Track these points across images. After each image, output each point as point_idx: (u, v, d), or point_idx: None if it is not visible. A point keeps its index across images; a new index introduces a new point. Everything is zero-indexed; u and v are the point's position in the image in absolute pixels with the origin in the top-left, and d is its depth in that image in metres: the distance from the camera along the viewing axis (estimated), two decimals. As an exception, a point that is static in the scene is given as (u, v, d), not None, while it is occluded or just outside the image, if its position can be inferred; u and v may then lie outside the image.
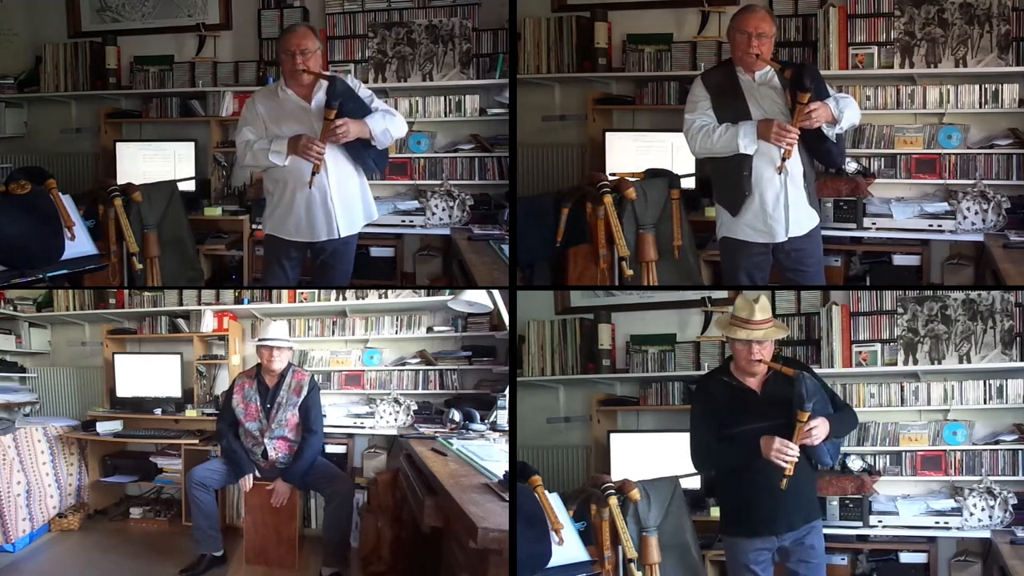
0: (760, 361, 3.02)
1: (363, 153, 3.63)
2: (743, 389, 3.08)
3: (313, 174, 3.49)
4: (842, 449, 3.94)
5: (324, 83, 3.58)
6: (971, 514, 3.78)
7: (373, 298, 4.93)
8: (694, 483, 4.06)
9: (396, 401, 4.86)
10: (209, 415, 5.11)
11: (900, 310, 3.99)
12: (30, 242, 3.39)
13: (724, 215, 3.51)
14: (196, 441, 4.96)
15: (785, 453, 2.89)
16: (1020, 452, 3.82)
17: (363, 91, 3.65)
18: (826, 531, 3.77)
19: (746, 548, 3.07)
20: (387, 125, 3.61)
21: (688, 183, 4.05)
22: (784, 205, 3.38)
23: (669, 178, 3.62)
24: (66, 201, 3.50)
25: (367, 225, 4.54)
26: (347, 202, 3.66)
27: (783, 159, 3.29)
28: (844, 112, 3.30)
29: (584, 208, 3.53)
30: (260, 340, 4.38)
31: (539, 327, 4.58)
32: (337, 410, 5.05)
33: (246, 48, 4.91)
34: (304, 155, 3.47)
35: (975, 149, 4.09)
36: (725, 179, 3.46)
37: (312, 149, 3.45)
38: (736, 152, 3.33)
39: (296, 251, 3.74)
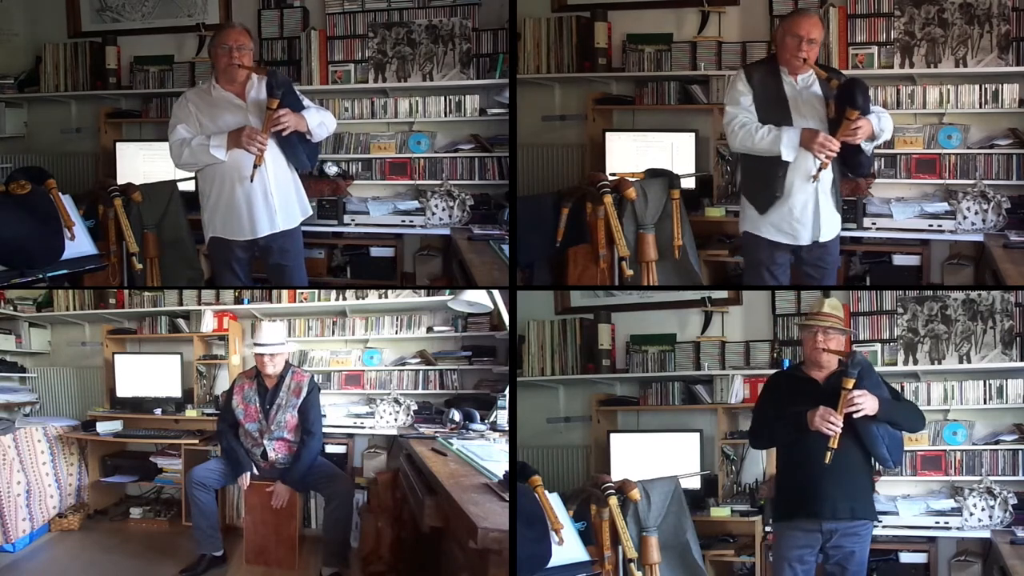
0: (826, 350, 3.12)
1: (297, 148, 3.67)
2: (807, 379, 3.19)
3: (255, 167, 3.51)
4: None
5: (256, 80, 3.62)
6: (971, 514, 3.78)
7: (373, 298, 4.93)
8: (694, 483, 4.07)
9: (396, 401, 4.85)
10: (209, 415, 5.10)
11: (900, 310, 3.99)
12: (30, 242, 3.39)
13: (749, 210, 3.51)
14: (196, 441, 4.95)
15: (827, 420, 2.95)
16: (1020, 452, 3.82)
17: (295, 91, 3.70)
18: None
19: (791, 541, 3.12)
20: (322, 119, 3.68)
21: (688, 183, 4.06)
22: (813, 211, 3.40)
23: (669, 178, 3.62)
24: (66, 201, 3.50)
25: (365, 225, 4.60)
26: (284, 196, 3.70)
27: (819, 169, 3.29)
28: (883, 133, 3.33)
29: (584, 208, 3.53)
30: (255, 345, 4.35)
31: (539, 327, 4.58)
32: (337, 410, 5.04)
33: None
34: (247, 146, 3.49)
35: (975, 149, 4.09)
36: (758, 176, 3.46)
37: (255, 139, 3.48)
38: (776, 155, 3.33)
39: (242, 251, 3.76)
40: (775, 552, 3.26)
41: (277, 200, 3.66)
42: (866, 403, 2.97)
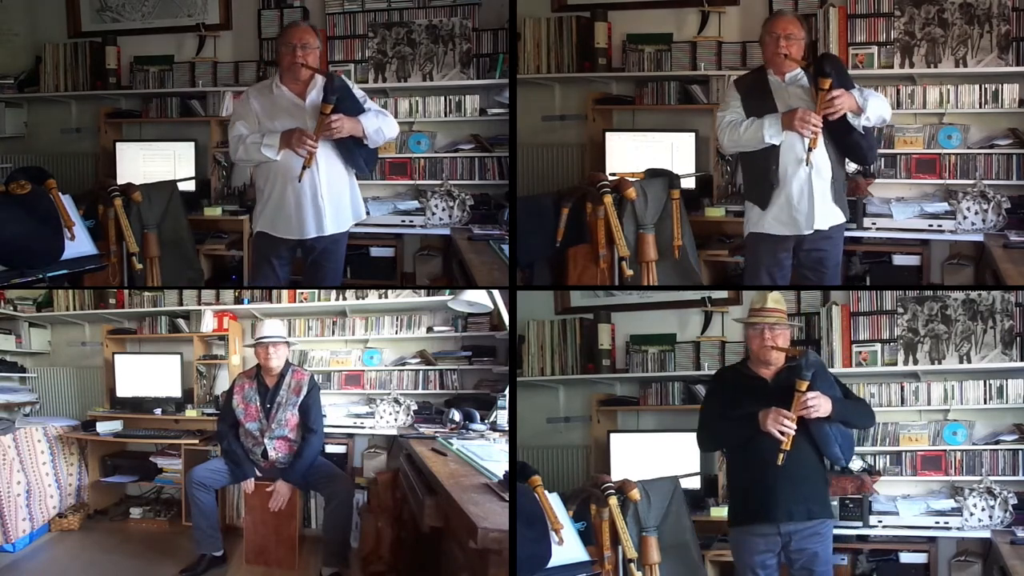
0: (774, 348, 3.09)
1: (354, 152, 3.65)
2: (754, 377, 3.16)
3: (304, 168, 3.51)
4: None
5: (319, 81, 3.61)
6: (971, 514, 3.78)
7: (373, 298, 4.93)
8: (694, 483, 4.07)
9: (396, 401, 4.85)
10: (209, 415, 5.11)
11: (900, 310, 3.99)
12: (30, 242, 3.39)
13: (751, 212, 3.54)
14: (196, 441, 4.96)
15: (780, 423, 2.92)
16: (1020, 452, 3.81)
17: (356, 91, 3.68)
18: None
19: (751, 547, 3.08)
20: (380, 124, 3.65)
21: (688, 183, 4.06)
22: (809, 197, 3.40)
23: (669, 178, 3.62)
24: (66, 201, 3.50)
25: (365, 225, 4.59)
26: (336, 200, 3.68)
27: (809, 150, 3.30)
28: (869, 101, 3.32)
29: (584, 208, 3.53)
30: (256, 339, 4.38)
31: (539, 327, 4.58)
32: (337, 410, 5.04)
33: (246, 48, 4.91)
34: (297, 148, 3.49)
35: (975, 149, 4.09)
36: (753, 173, 3.50)
37: (305, 142, 3.47)
38: (762, 143, 3.36)
39: (286, 250, 3.75)
40: (736, 559, 3.20)
41: (327, 204, 3.64)
42: (820, 405, 2.95)
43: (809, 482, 3.04)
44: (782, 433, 2.93)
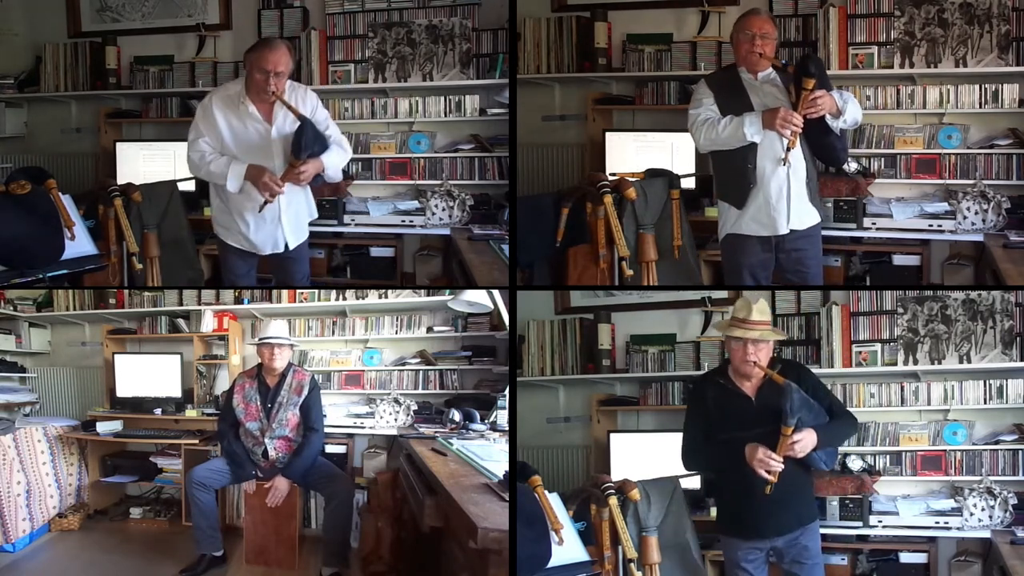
0: (754, 363, 2.99)
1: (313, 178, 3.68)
2: (737, 394, 3.07)
3: (265, 203, 3.53)
4: (842, 449, 3.94)
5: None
6: (971, 514, 3.78)
7: (373, 298, 4.93)
8: (694, 483, 4.06)
9: (396, 401, 4.86)
10: (209, 415, 5.11)
11: (900, 310, 3.99)
12: (30, 242, 3.39)
13: (728, 213, 3.52)
14: (196, 441, 4.96)
15: (767, 464, 2.88)
16: (1020, 452, 3.82)
17: (320, 113, 3.68)
18: (826, 531, 3.80)
19: (739, 548, 3.09)
20: (340, 162, 3.69)
21: (688, 183, 4.06)
22: (787, 197, 3.40)
23: (669, 178, 3.62)
24: (66, 201, 3.50)
25: (365, 225, 4.62)
26: (295, 217, 3.73)
27: (787, 149, 3.30)
28: (847, 105, 3.33)
29: (584, 208, 3.53)
30: (260, 339, 4.39)
31: (539, 327, 4.58)
32: (337, 410, 5.05)
33: (246, 48, 4.89)
34: (262, 191, 3.51)
35: (975, 149, 4.09)
36: (730, 173, 3.47)
37: (272, 188, 3.49)
38: (742, 142, 3.35)
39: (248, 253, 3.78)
40: (726, 559, 3.20)
41: (286, 223, 3.68)
42: (806, 443, 2.88)
43: (795, 494, 3.01)
44: (769, 471, 2.88)
